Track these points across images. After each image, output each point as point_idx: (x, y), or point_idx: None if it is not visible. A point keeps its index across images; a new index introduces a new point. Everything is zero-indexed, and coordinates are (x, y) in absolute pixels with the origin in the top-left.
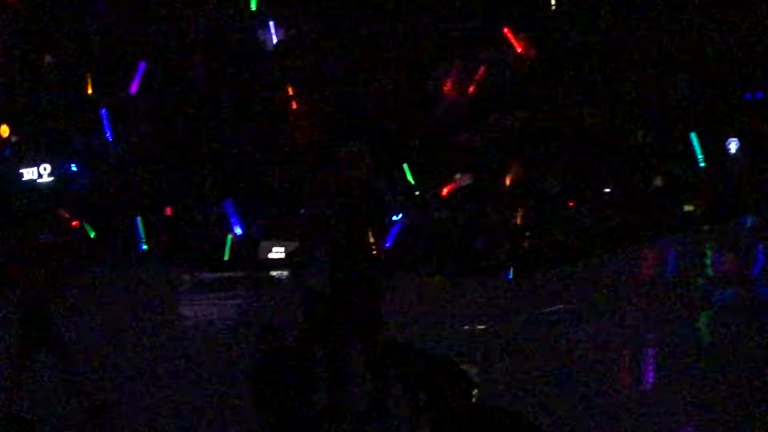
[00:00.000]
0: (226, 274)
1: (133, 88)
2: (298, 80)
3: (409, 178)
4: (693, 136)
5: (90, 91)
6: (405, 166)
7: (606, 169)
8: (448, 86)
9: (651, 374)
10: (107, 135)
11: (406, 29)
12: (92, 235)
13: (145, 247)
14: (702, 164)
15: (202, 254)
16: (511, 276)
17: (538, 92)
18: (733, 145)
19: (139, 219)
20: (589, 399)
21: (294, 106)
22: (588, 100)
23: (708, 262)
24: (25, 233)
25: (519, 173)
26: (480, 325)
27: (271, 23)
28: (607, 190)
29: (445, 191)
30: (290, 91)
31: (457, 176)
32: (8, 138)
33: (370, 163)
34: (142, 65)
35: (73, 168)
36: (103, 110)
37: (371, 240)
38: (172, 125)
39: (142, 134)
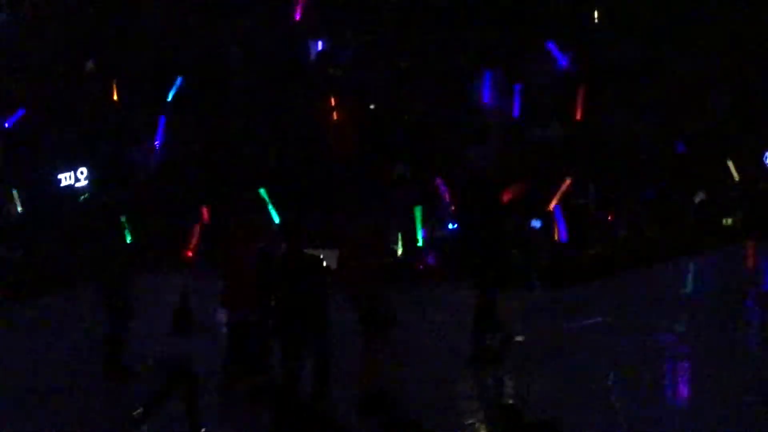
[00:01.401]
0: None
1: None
2: (339, 91)
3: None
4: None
5: (116, 97)
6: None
7: (646, 182)
8: (488, 98)
9: (684, 388)
10: (156, 141)
11: (448, 40)
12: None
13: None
14: (736, 179)
15: None
16: (541, 287)
17: (581, 105)
18: None
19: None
20: (623, 412)
21: (335, 117)
22: (630, 113)
23: (746, 277)
24: None
25: (559, 185)
26: (518, 336)
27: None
28: (646, 201)
29: (505, 198)
30: (332, 102)
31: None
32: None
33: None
34: (179, 80)
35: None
36: (161, 117)
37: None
38: (211, 136)
39: (182, 143)
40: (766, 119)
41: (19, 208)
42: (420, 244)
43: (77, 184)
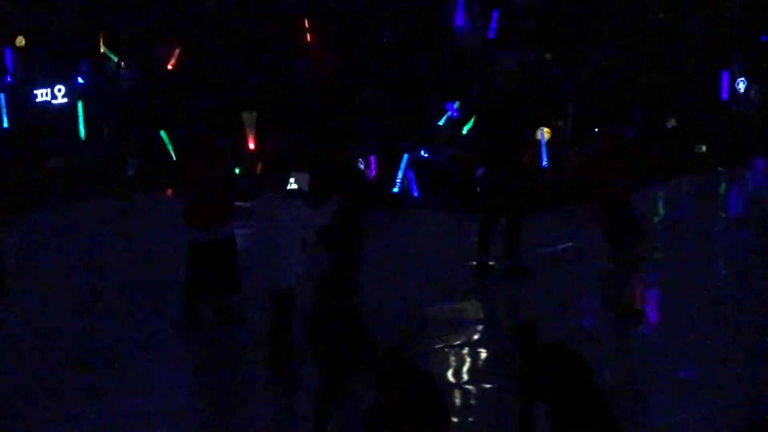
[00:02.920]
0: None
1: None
2: (312, 13)
3: None
4: (724, 75)
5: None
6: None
7: (620, 110)
8: (463, 21)
9: (654, 315)
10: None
11: None
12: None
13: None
14: (725, 98)
15: None
16: None
17: (556, 31)
18: (741, 85)
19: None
20: (588, 336)
21: (308, 40)
22: (604, 40)
23: (720, 204)
24: None
25: (533, 113)
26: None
27: None
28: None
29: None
30: (306, 24)
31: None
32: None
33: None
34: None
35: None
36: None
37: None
38: (186, 56)
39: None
40: (739, 46)
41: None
42: (398, 181)
43: (54, 101)
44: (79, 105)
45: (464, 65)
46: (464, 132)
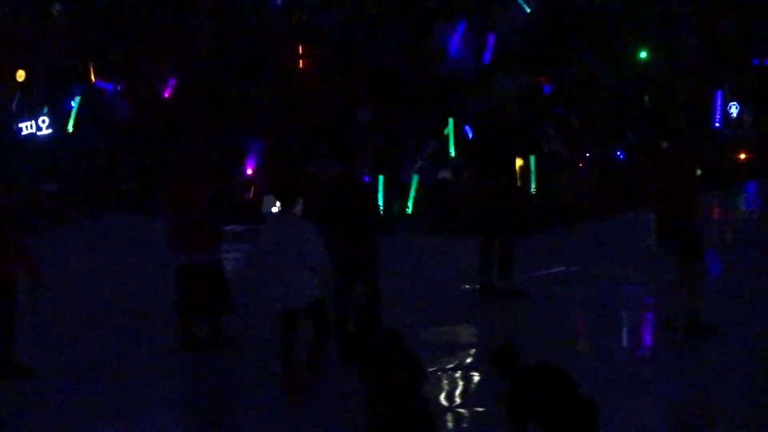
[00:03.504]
0: (228, 227)
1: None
2: (306, 37)
3: None
4: (718, 95)
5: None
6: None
7: (613, 132)
8: (455, 45)
9: (647, 338)
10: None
11: None
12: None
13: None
14: (718, 125)
15: None
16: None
17: (549, 53)
18: (734, 109)
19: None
20: (582, 361)
21: (300, 63)
22: (598, 63)
23: (713, 227)
24: None
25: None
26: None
27: None
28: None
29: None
30: (300, 50)
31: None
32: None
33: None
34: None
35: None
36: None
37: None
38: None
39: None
40: (733, 69)
41: None
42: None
43: (39, 133)
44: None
45: (458, 87)
46: (452, 154)
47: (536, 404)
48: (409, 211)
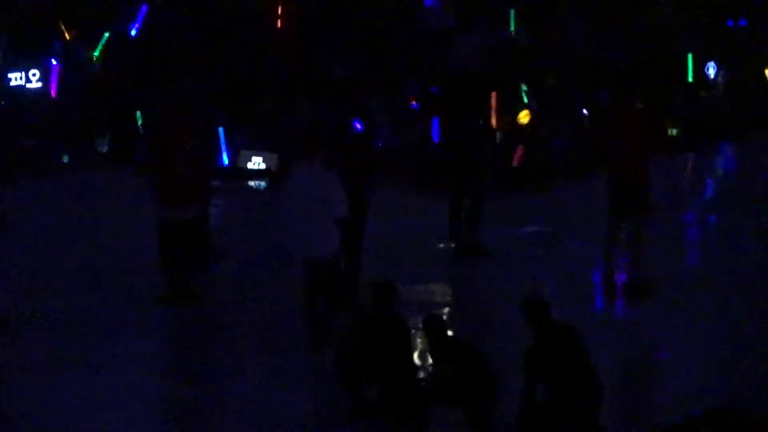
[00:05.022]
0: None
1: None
2: None
3: None
4: (689, 57)
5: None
6: None
7: (590, 91)
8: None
9: (622, 299)
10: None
11: None
12: None
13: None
14: (690, 80)
15: None
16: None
17: (528, 10)
18: (711, 70)
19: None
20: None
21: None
22: (575, 21)
23: (689, 187)
24: None
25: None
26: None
27: None
28: (585, 112)
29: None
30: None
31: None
32: None
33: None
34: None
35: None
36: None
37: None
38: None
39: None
40: (706, 30)
41: None
42: None
43: (28, 85)
44: None
45: (433, 45)
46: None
47: (550, 363)
48: None
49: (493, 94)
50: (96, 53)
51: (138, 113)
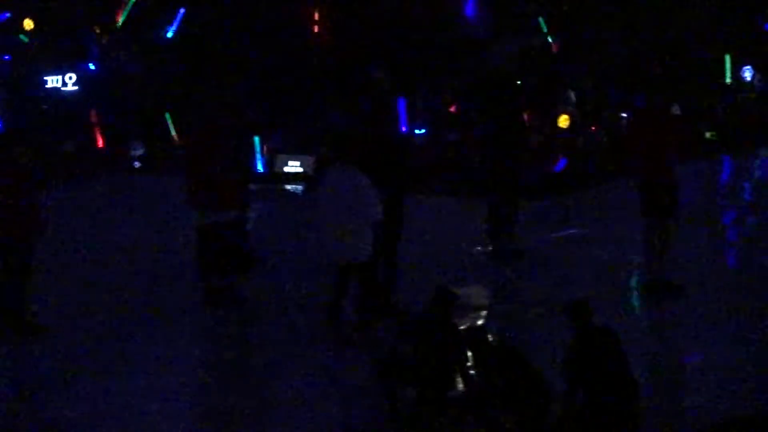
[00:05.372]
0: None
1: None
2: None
3: None
4: (726, 58)
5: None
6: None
7: (625, 95)
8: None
9: (657, 301)
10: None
11: None
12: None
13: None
14: (728, 80)
15: None
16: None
17: (562, 17)
18: (747, 73)
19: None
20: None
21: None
22: (609, 26)
23: (726, 190)
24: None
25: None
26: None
27: None
28: (624, 115)
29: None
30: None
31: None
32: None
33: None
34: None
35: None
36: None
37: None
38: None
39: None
40: (746, 33)
41: None
42: None
43: (64, 89)
44: None
45: (469, 51)
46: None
47: (590, 366)
48: None
49: (530, 99)
50: (122, 18)
51: (167, 116)
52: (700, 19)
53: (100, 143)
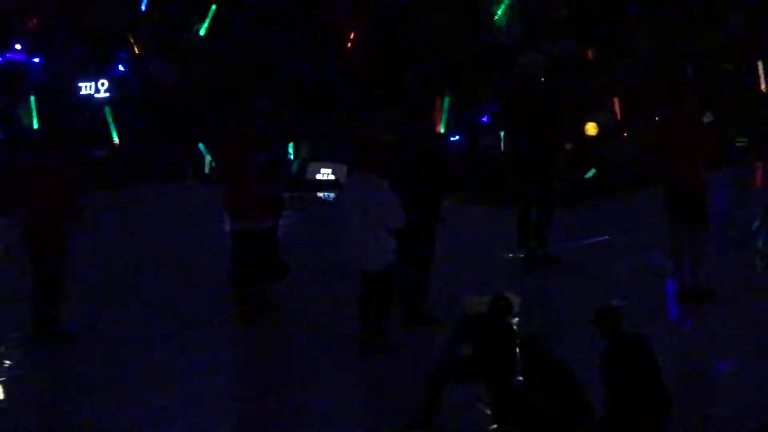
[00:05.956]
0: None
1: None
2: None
3: None
4: (759, 66)
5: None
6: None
7: (657, 103)
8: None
9: (689, 309)
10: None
11: None
12: None
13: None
14: (763, 88)
15: None
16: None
17: (592, 23)
18: None
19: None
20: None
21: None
22: (641, 32)
23: (756, 198)
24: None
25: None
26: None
27: None
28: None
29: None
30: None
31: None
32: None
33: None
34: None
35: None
36: None
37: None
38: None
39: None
40: None
41: None
42: None
43: (97, 95)
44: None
45: (501, 59)
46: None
47: (622, 372)
48: None
49: (563, 106)
50: (204, 26)
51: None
52: (733, 25)
53: (130, 149)
